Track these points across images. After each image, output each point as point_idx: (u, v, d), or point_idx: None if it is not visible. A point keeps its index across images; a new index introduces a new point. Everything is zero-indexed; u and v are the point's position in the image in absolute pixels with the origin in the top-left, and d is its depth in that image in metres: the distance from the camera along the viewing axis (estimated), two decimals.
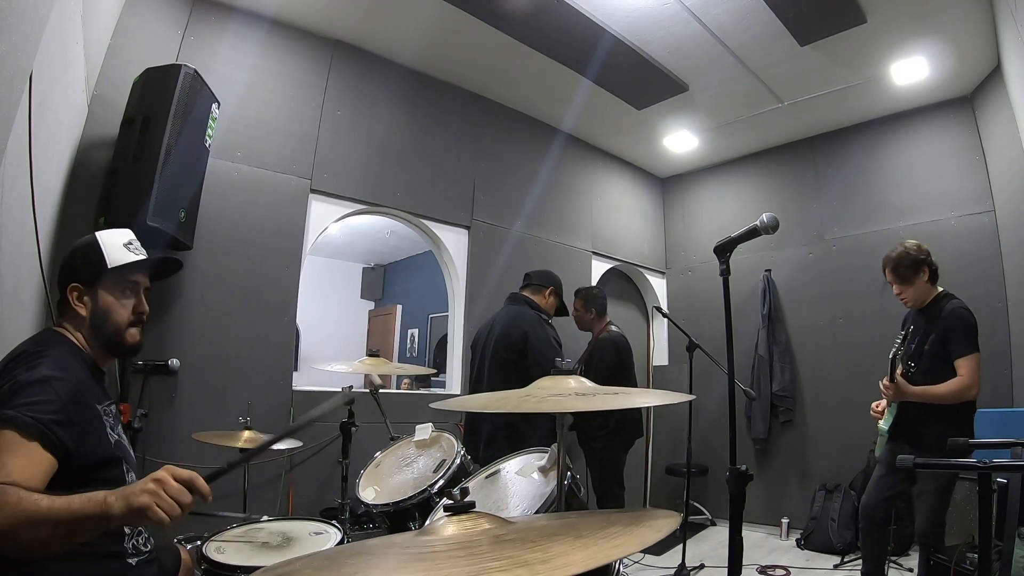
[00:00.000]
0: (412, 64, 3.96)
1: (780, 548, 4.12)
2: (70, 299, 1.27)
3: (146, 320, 1.37)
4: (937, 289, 2.56)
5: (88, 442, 1.13)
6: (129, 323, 1.32)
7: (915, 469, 1.40)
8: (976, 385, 2.35)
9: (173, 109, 2.45)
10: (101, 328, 1.29)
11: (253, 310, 3.15)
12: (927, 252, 2.53)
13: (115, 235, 1.35)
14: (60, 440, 1.06)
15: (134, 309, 1.33)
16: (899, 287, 2.59)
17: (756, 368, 4.71)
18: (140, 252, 1.35)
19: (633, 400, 1.31)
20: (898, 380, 2.45)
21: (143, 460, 2.60)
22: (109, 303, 1.30)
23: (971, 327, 2.41)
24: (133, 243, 1.35)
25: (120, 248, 1.32)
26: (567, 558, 0.59)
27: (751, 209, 4.91)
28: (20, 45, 1.30)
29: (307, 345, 6.40)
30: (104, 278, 1.29)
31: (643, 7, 3.29)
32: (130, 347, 1.34)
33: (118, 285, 1.32)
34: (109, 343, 1.31)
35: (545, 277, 3.00)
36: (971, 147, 4.01)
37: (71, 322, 1.28)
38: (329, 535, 1.64)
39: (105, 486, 1.16)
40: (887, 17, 3.29)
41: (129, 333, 1.32)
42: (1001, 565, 1.75)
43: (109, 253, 1.30)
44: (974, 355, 2.37)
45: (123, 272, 1.32)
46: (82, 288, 1.28)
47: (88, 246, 1.31)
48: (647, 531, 0.69)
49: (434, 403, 1.19)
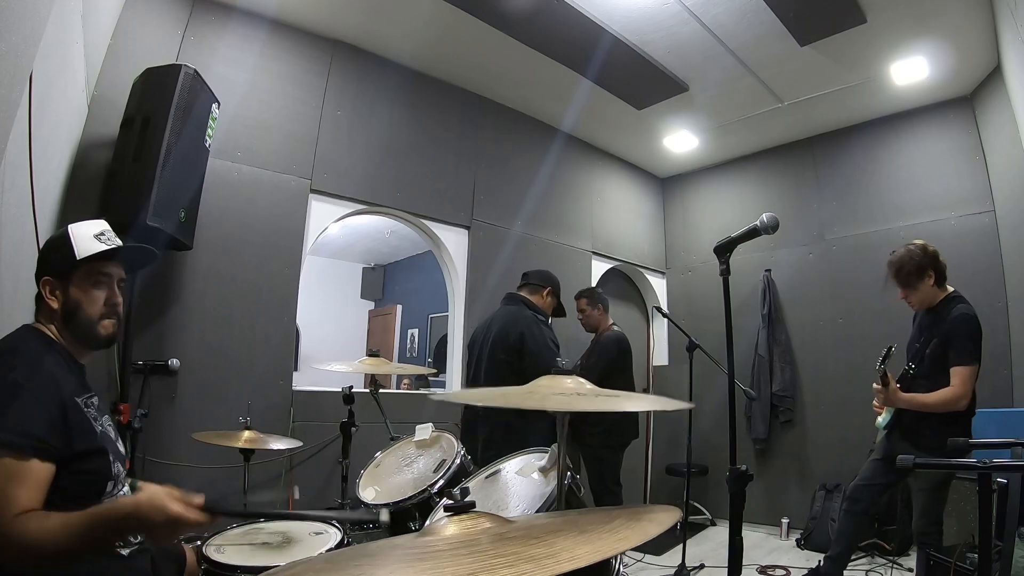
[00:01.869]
0: (412, 64, 3.96)
1: (780, 548, 4.12)
2: (43, 293, 1.26)
3: (121, 312, 1.34)
4: (947, 290, 2.48)
5: (71, 436, 1.13)
6: (102, 315, 1.29)
7: (915, 469, 1.39)
8: (967, 396, 2.31)
9: (173, 109, 2.46)
10: (73, 321, 1.27)
11: (253, 310, 3.15)
12: (934, 254, 2.45)
13: (87, 226, 1.31)
14: (53, 446, 1.07)
15: (106, 301, 1.30)
16: (903, 291, 2.53)
17: (756, 368, 4.71)
18: (112, 242, 1.32)
19: (633, 404, 1.31)
20: (889, 387, 2.44)
21: (143, 460, 2.60)
22: (79, 296, 1.27)
23: (975, 335, 2.36)
24: (105, 233, 1.32)
25: (90, 239, 1.29)
26: (573, 552, 0.59)
27: (751, 209, 4.91)
28: (20, 45, 1.30)
29: (307, 345, 6.40)
30: (75, 271, 1.27)
31: (643, 7, 3.29)
32: (104, 339, 1.31)
33: (89, 277, 1.28)
34: (82, 336, 1.28)
35: (543, 277, 2.99)
36: (971, 147, 4.01)
37: (45, 316, 1.27)
38: (329, 535, 1.64)
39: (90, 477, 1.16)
40: (887, 17, 3.29)
41: (102, 325, 1.29)
42: (1001, 565, 1.75)
43: (79, 244, 1.27)
44: (971, 366, 2.32)
45: (93, 263, 1.28)
46: (54, 281, 1.26)
47: (59, 239, 1.29)
48: (649, 525, 0.69)
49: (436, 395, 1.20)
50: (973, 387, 2.34)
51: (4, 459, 1.00)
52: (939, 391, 2.35)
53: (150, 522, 1.04)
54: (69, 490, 1.08)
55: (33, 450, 1.04)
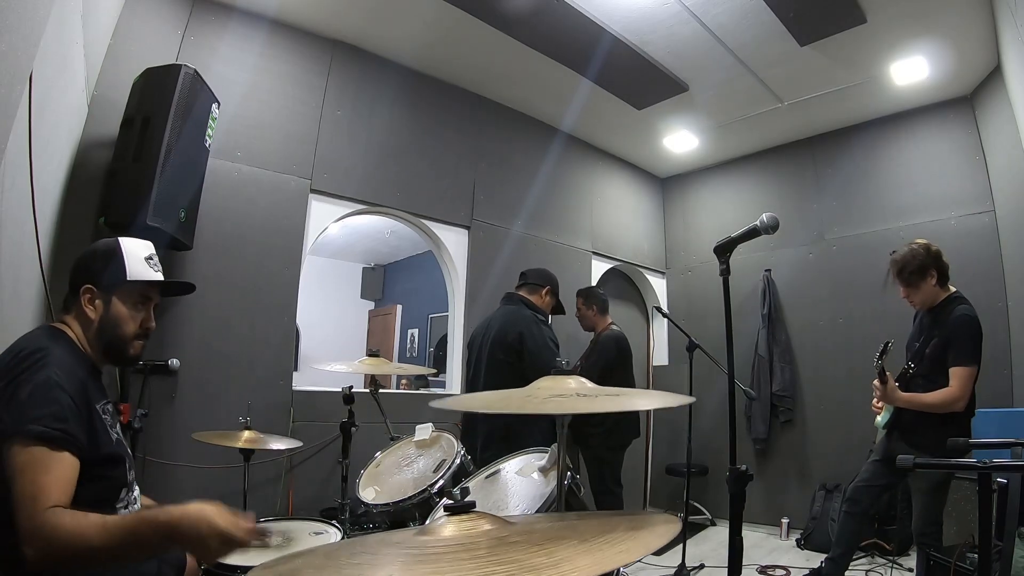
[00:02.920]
0: (412, 64, 3.96)
1: (780, 548, 4.12)
2: (81, 299, 1.27)
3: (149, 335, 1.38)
4: (949, 290, 2.48)
5: (92, 441, 1.14)
6: (136, 335, 1.33)
7: (915, 469, 1.39)
8: (965, 398, 2.31)
9: (173, 109, 2.45)
10: (108, 335, 1.29)
11: (253, 310, 3.15)
12: (937, 254, 2.45)
13: (137, 246, 1.35)
14: (81, 441, 1.08)
15: (142, 323, 1.34)
16: (905, 291, 2.53)
17: (756, 368, 4.71)
18: (158, 269, 1.36)
19: (634, 402, 1.31)
20: (888, 385, 2.44)
21: (143, 460, 2.61)
22: (121, 313, 1.30)
23: (975, 337, 2.36)
24: (153, 258, 1.36)
25: (141, 261, 1.33)
26: (574, 563, 0.59)
27: (751, 209, 4.91)
28: (20, 45, 1.30)
29: (307, 345, 6.40)
30: (121, 288, 1.30)
31: (643, 7, 3.29)
32: (131, 358, 1.34)
33: (132, 297, 1.32)
34: (112, 350, 1.31)
35: (541, 276, 2.98)
36: (971, 147, 4.01)
37: (77, 320, 1.28)
38: (329, 535, 1.64)
39: (108, 483, 1.17)
40: (887, 17, 3.28)
41: (133, 345, 1.33)
42: (1001, 565, 1.75)
43: (131, 264, 1.31)
44: (970, 368, 2.32)
45: (140, 287, 1.33)
46: (96, 292, 1.28)
47: (110, 252, 1.31)
48: (651, 536, 0.69)
49: (434, 402, 1.17)
50: (972, 388, 2.34)
51: (39, 448, 1.01)
52: (938, 391, 2.35)
53: (197, 533, 1.00)
54: (84, 496, 1.07)
55: (66, 444, 1.04)
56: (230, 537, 1.02)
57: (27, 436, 1.00)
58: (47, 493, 0.98)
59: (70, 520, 0.97)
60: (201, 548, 1.02)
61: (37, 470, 0.99)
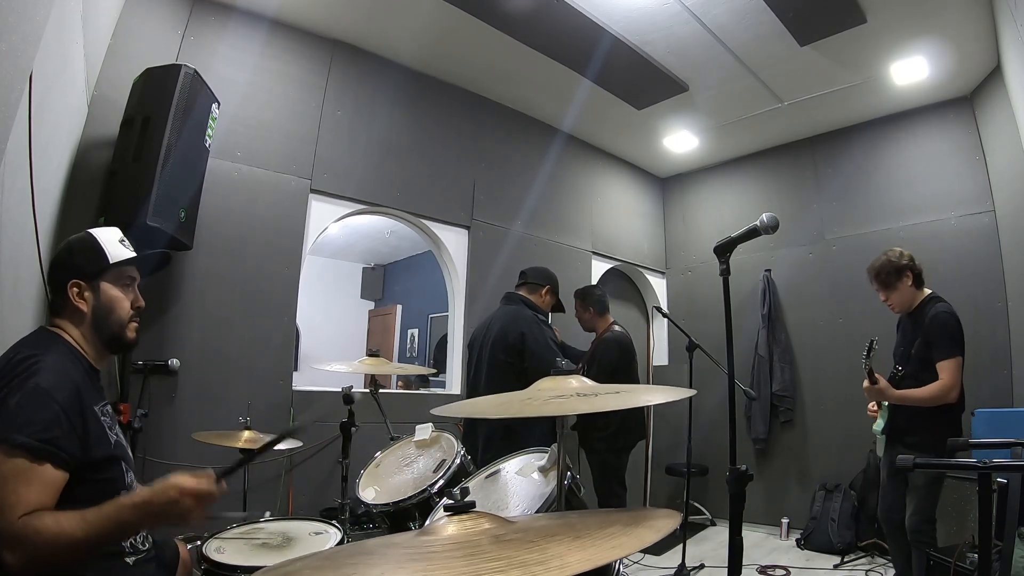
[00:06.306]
0: (412, 64, 3.96)
1: (780, 548, 4.12)
2: (70, 296, 1.27)
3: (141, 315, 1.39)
4: (924, 292, 2.59)
5: (88, 444, 1.14)
6: (130, 317, 1.34)
7: (914, 469, 1.39)
8: (957, 387, 2.38)
9: (173, 109, 2.45)
10: (104, 323, 1.29)
11: (253, 310, 3.15)
12: (910, 257, 2.57)
13: (108, 232, 1.36)
14: (68, 453, 1.08)
15: (133, 303, 1.35)
16: (884, 293, 2.63)
17: (756, 368, 4.71)
18: (131, 248, 1.38)
19: (634, 399, 1.30)
20: (879, 383, 2.49)
21: (143, 460, 2.60)
22: (113, 296, 1.31)
23: (953, 330, 2.43)
24: (125, 240, 1.38)
25: (116, 244, 1.34)
26: (564, 559, 0.59)
27: (751, 209, 4.91)
28: (20, 45, 1.30)
29: (307, 345, 6.40)
30: (107, 272, 1.31)
31: (643, 7, 3.29)
32: (130, 342, 1.35)
33: (119, 280, 1.33)
34: (111, 339, 1.31)
35: (541, 275, 2.96)
36: (971, 147, 4.01)
37: (70, 320, 1.28)
38: (329, 535, 1.64)
39: (106, 485, 1.17)
40: (887, 17, 3.29)
41: (130, 327, 1.34)
42: (1001, 565, 1.75)
43: (109, 249, 1.32)
44: (956, 358, 2.39)
45: (123, 267, 1.33)
46: (83, 284, 1.28)
47: (87, 244, 1.32)
48: (646, 531, 0.69)
49: (435, 409, 1.17)
50: (961, 378, 2.40)
51: (18, 459, 1.02)
52: (929, 385, 2.41)
53: (168, 498, 1.08)
54: (83, 499, 1.08)
55: (48, 456, 1.05)
56: (198, 491, 1.10)
57: (11, 445, 1.02)
58: (25, 502, 1.00)
59: (51, 521, 1.00)
60: (177, 511, 1.09)
61: (18, 480, 1.01)
